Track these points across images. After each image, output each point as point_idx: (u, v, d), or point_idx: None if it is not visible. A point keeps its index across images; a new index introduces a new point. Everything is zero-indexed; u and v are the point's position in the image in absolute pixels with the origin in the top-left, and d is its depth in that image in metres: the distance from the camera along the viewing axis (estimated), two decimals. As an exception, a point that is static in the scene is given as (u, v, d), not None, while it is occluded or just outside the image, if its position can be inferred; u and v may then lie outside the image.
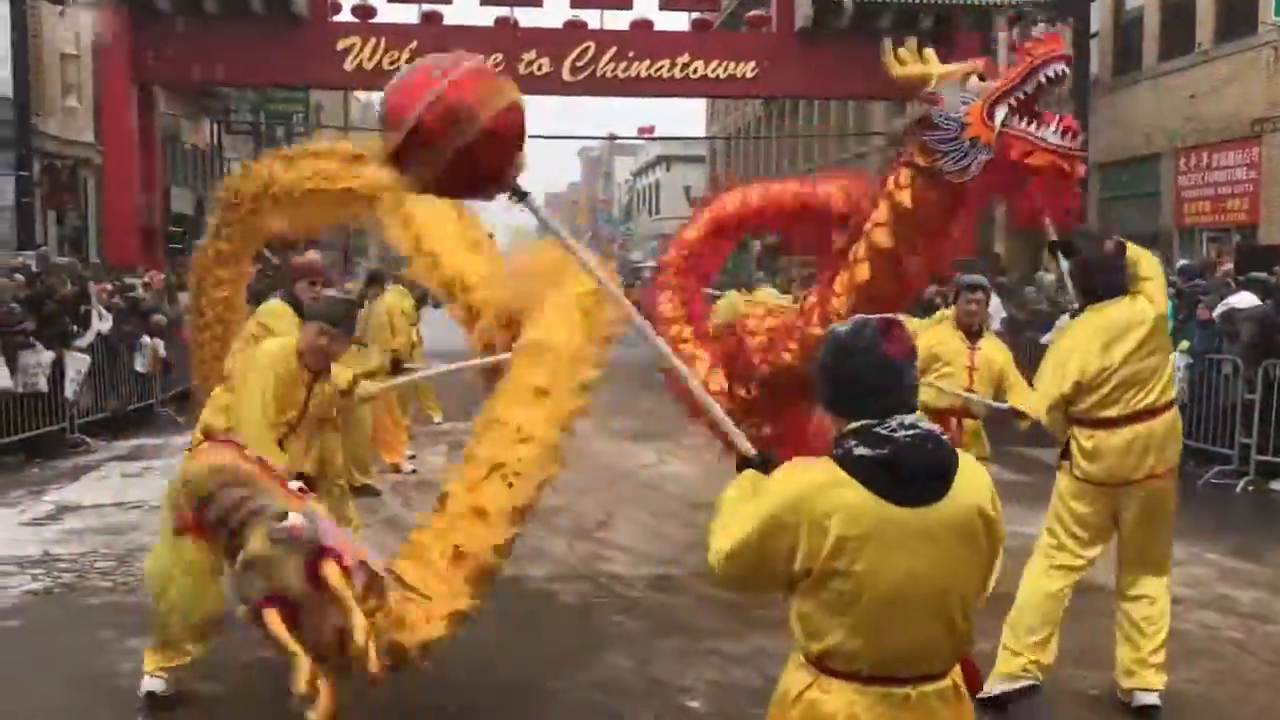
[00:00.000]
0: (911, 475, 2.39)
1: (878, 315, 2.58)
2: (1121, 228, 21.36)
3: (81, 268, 14.10)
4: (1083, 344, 4.90)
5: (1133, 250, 5.04)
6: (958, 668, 2.55)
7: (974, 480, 2.48)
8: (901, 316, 3.05)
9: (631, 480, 9.98)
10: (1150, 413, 4.87)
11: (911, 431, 2.41)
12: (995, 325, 14.48)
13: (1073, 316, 5.37)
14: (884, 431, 2.41)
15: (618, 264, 10.51)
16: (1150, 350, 4.88)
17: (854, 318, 2.60)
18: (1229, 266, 12.57)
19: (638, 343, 3.67)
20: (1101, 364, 4.82)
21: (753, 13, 24.66)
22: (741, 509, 2.56)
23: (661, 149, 56.41)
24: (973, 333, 6.47)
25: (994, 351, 6.46)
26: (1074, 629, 5.95)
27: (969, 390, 6.27)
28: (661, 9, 21.65)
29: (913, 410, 2.47)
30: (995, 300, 15.44)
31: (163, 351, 13.03)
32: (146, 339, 12.89)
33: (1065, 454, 5.07)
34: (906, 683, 2.45)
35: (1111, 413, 4.85)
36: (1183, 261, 14.81)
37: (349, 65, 21.14)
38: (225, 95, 28.94)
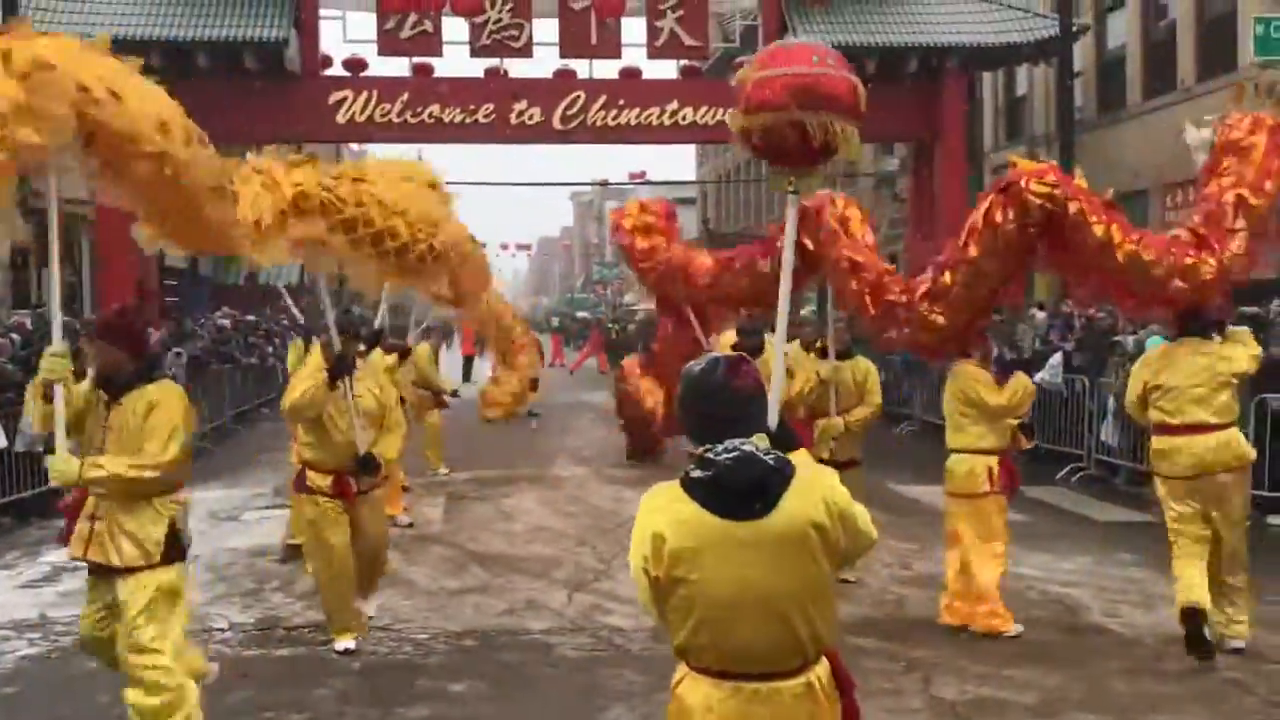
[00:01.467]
0: (731, 493, 2.68)
1: (727, 355, 2.93)
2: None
3: (77, 325, 14.12)
4: None
5: None
6: (822, 668, 2.82)
7: (808, 494, 2.74)
8: None
9: (629, 529, 9.95)
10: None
11: (733, 454, 2.68)
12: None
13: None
14: (711, 455, 2.71)
15: (610, 307, 10.70)
16: None
17: (707, 356, 2.94)
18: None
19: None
20: None
21: (740, 59, 24.89)
22: None
23: (652, 193, 56.70)
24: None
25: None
26: (1077, 670, 5.95)
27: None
28: (650, 58, 21.85)
29: (750, 435, 2.74)
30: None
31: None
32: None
33: None
34: (754, 679, 2.74)
35: None
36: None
37: (341, 118, 21.28)
38: (218, 149, 29.14)
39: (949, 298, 6.31)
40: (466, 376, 27.45)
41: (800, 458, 2.85)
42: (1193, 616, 5.98)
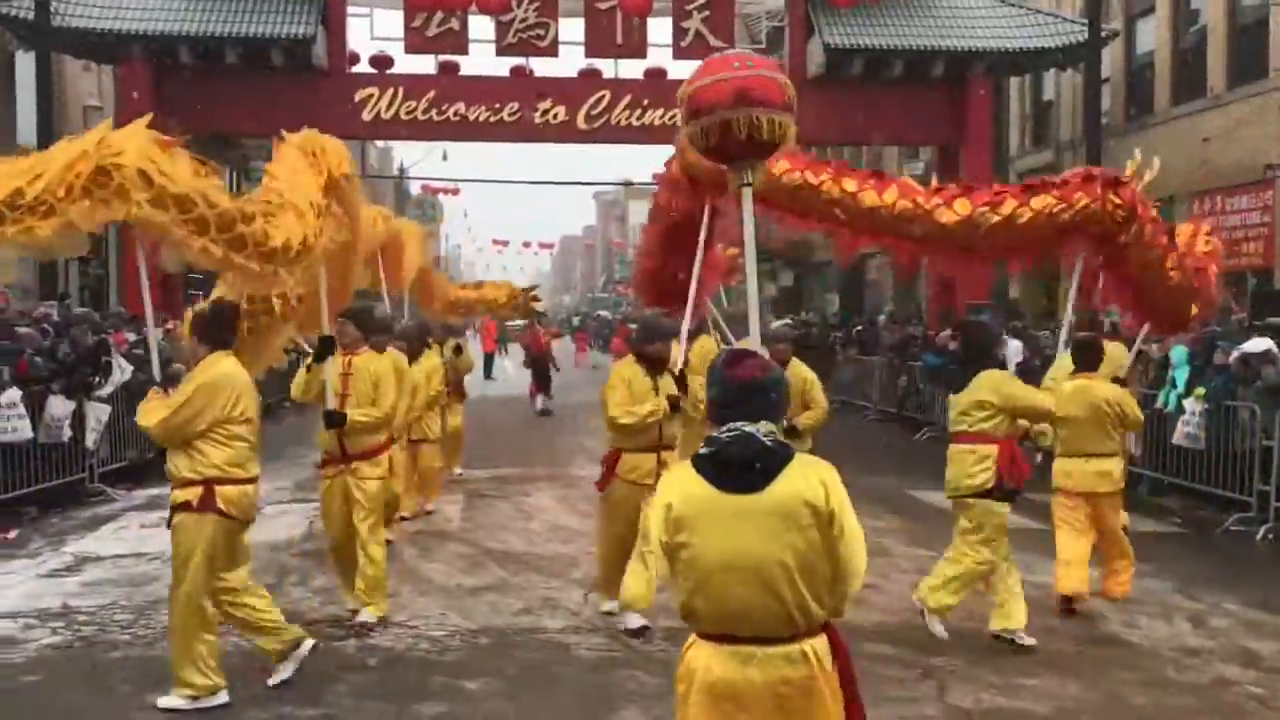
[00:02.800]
0: (728, 466, 3.00)
1: (736, 349, 3.41)
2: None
3: (101, 318, 14.24)
4: None
5: None
6: (819, 642, 3.05)
7: (805, 476, 3.02)
8: None
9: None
10: None
11: (732, 434, 3.02)
12: (1011, 368, 14.51)
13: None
14: (716, 434, 3.06)
15: (632, 305, 10.71)
16: None
17: (724, 349, 3.47)
18: (1243, 314, 12.55)
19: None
20: None
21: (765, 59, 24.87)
22: None
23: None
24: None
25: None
26: (1093, 681, 5.93)
27: None
28: (675, 58, 21.84)
29: (756, 420, 3.03)
30: (1015, 343, 15.46)
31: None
32: (166, 388, 12.96)
33: None
34: (748, 642, 3.00)
35: None
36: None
37: (367, 115, 21.40)
38: (244, 144, 29.29)
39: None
40: (488, 373, 27.50)
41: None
42: None
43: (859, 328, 23.80)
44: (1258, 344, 10.50)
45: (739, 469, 2.99)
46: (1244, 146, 17.79)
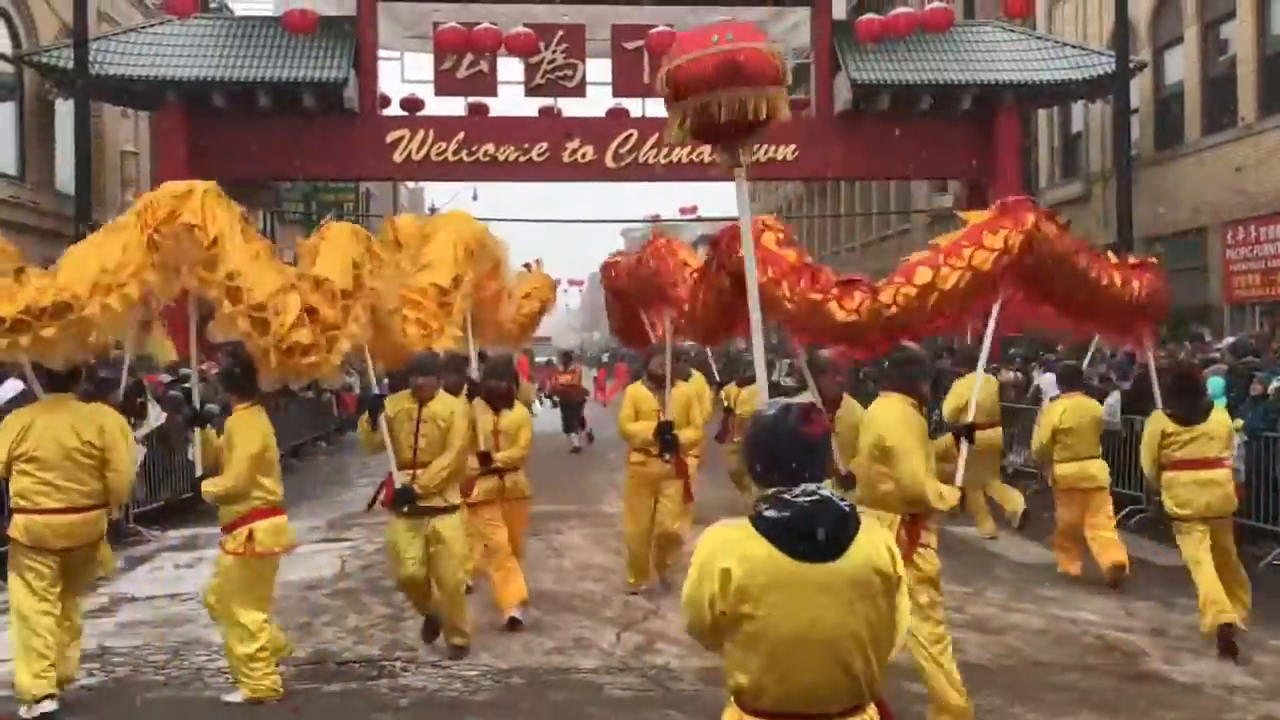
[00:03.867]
0: (808, 534, 2.78)
1: (799, 402, 3.03)
2: (1171, 301, 21.12)
3: (136, 360, 14.37)
4: None
5: None
6: (874, 710, 2.89)
7: (874, 542, 2.86)
8: None
9: (678, 567, 9.92)
10: None
11: (811, 498, 2.81)
12: (1046, 404, 14.36)
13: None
14: (788, 497, 2.82)
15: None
16: None
17: (777, 401, 3.05)
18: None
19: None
20: None
21: (792, 96, 24.97)
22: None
23: (703, 229, 56.84)
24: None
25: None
26: (1135, 722, 5.81)
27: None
28: (703, 95, 22.00)
29: (820, 480, 2.87)
30: (1049, 376, 15.31)
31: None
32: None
33: None
34: (811, 719, 2.81)
35: None
36: (1230, 338, 14.62)
37: (398, 157, 21.64)
38: (277, 187, 29.66)
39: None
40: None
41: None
42: None
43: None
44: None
45: (820, 537, 2.79)
46: (1277, 174, 17.65)
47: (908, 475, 5.27)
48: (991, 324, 5.95)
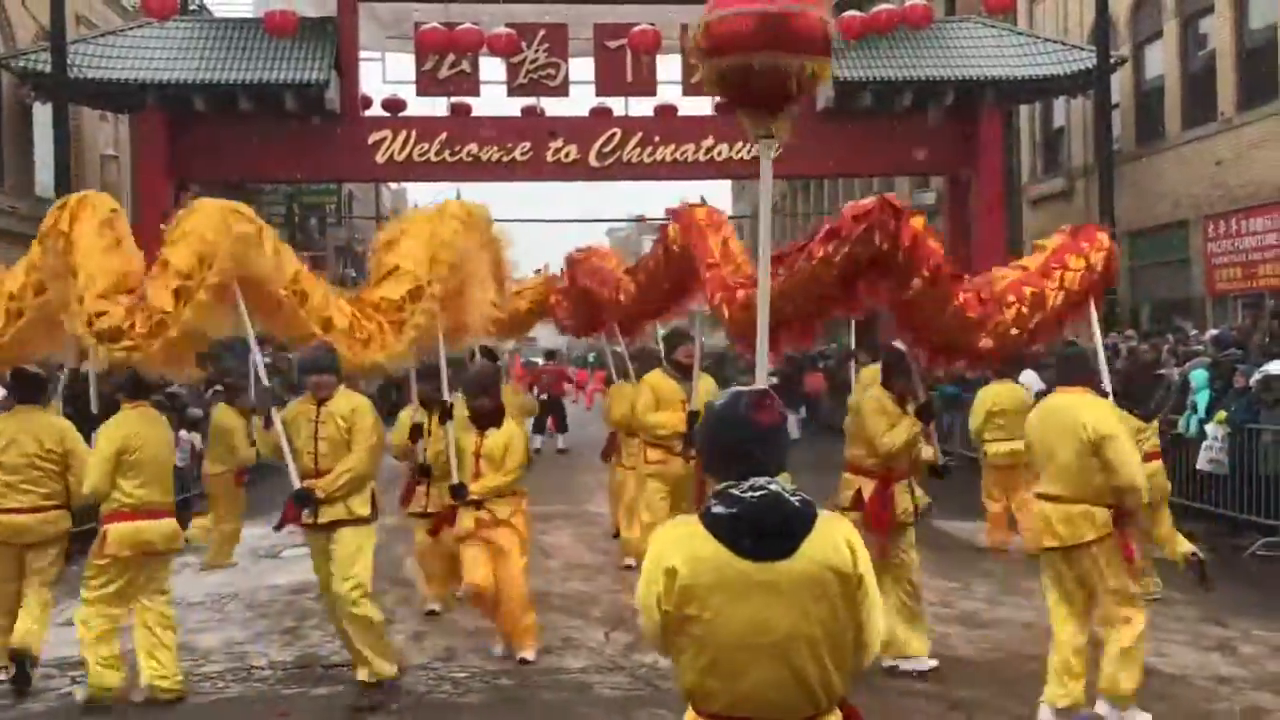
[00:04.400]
0: (755, 532, 2.63)
1: (750, 389, 2.85)
2: (1153, 295, 21.31)
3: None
4: None
5: None
6: (836, 717, 2.73)
7: (831, 539, 2.69)
8: None
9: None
10: None
11: (759, 493, 2.65)
12: (1030, 398, 14.39)
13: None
14: (737, 492, 2.67)
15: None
16: None
17: (731, 390, 2.89)
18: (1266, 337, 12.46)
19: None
20: None
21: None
22: None
23: (689, 228, 56.74)
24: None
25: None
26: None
27: None
28: (685, 94, 21.97)
29: (774, 473, 2.71)
30: (1030, 373, 15.34)
31: (200, 444, 13.16)
32: (184, 434, 13.02)
33: None
34: None
35: None
36: (1214, 331, 14.69)
37: (380, 158, 21.55)
38: (259, 189, 29.53)
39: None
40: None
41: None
42: None
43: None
44: (1278, 365, 10.41)
45: (767, 534, 2.64)
46: (1258, 168, 17.75)
47: (1130, 464, 5.37)
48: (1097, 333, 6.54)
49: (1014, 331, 6.10)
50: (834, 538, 2.69)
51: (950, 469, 7.80)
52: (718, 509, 2.68)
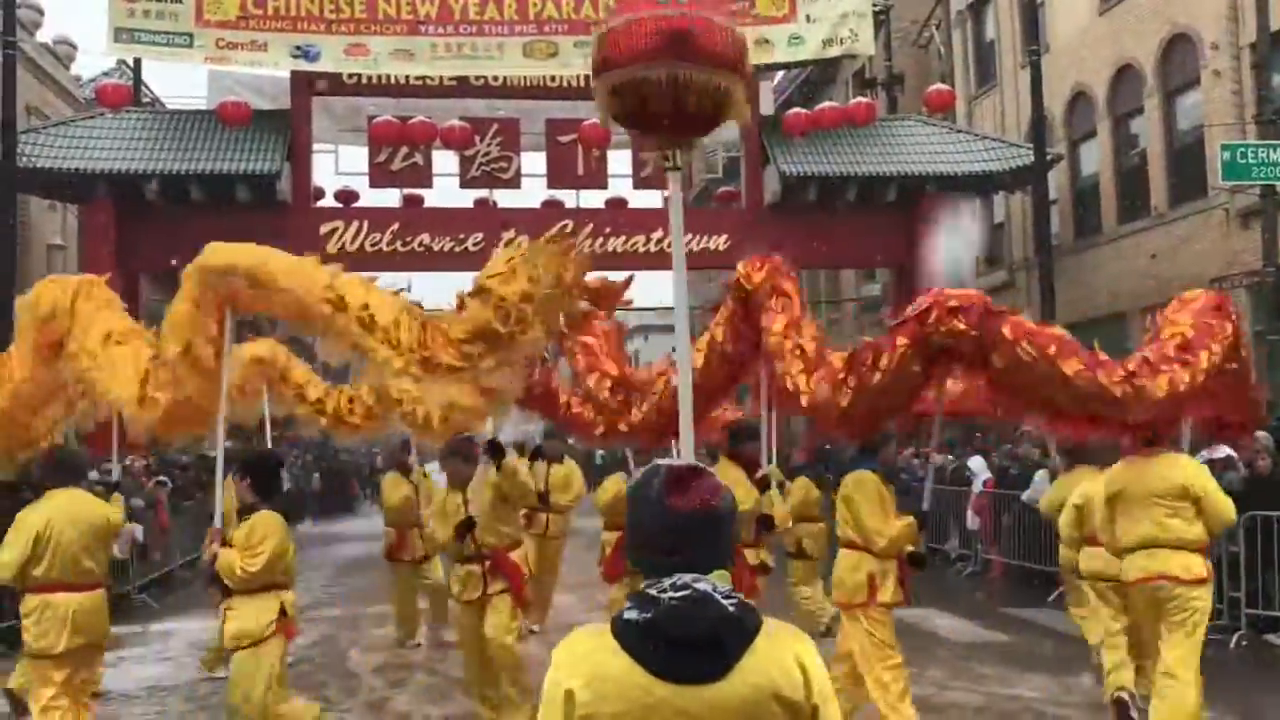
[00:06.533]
0: (675, 646, 2.06)
1: (670, 464, 2.27)
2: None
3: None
4: None
5: None
6: None
7: (777, 657, 2.11)
8: None
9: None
10: None
11: (681, 594, 2.07)
12: (977, 487, 14.53)
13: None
14: (654, 592, 2.10)
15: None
16: None
17: (651, 464, 2.32)
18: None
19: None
20: None
21: (722, 189, 25.55)
22: None
23: (639, 320, 57.26)
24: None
25: None
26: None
27: None
28: (636, 188, 22.36)
29: (705, 569, 2.13)
30: (978, 459, 15.53)
31: (140, 536, 12.87)
32: (125, 524, 12.70)
33: None
34: None
35: None
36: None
37: (332, 248, 21.49)
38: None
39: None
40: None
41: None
42: None
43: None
44: (1218, 450, 10.62)
45: (690, 648, 2.06)
46: (1188, 261, 18.33)
47: (1226, 509, 6.19)
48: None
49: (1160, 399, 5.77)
50: (781, 656, 2.11)
51: (925, 560, 7.35)
52: (630, 614, 2.11)
